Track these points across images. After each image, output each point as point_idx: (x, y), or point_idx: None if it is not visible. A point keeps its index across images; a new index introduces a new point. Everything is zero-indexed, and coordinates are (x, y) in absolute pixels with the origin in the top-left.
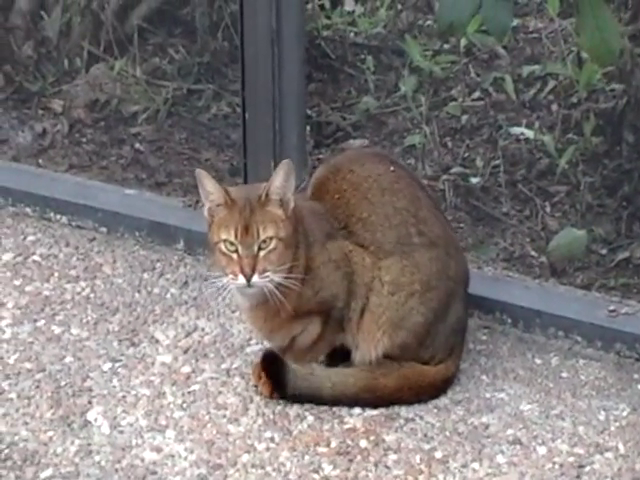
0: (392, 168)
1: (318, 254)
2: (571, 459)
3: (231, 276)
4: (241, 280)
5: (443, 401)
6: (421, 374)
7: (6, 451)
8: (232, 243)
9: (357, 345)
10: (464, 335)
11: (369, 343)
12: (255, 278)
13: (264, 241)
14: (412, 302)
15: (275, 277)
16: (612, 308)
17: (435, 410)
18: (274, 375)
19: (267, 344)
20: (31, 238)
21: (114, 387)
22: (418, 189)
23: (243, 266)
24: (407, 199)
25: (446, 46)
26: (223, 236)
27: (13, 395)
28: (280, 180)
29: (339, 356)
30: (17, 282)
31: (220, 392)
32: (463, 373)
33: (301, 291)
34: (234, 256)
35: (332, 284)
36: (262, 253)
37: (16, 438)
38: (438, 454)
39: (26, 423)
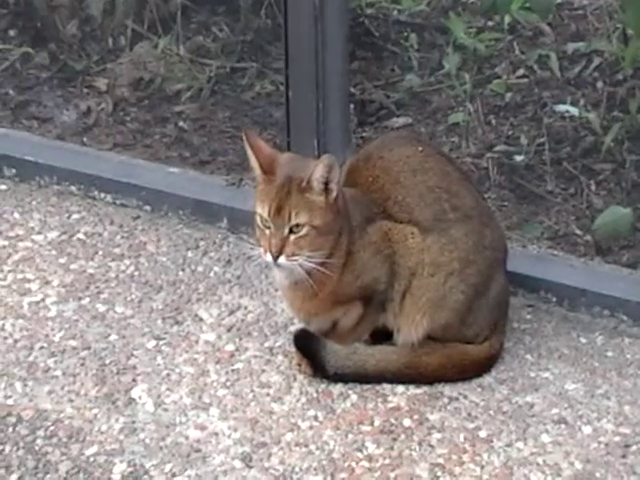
0: (420, 148)
1: (359, 238)
2: (617, 439)
3: (262, 249)
4: (268, 257)
5: (487, 380)
6: (464, 352)
7: (51, 428)
8: (265, 219)
9: (399, 328)
10: (507, 309)
11: (410, 326)
12: (282, 259)
13: (296, 225)
14: (452, 281)
15: (305, 263)
16: None
17: (479, 389)
18: (311, 356)
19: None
20: (75, 216)
21: (158, 365)
22: (447, 164)
23: (271, 245)
24: (438, 176)
25: (490, 23)
26: (258, 210)
27: (58, 372)
28: (321, 172)
29: (382, 335)
30: (62, 260)
31: (263, 370)
32: (507, 352)
33: (341, 276)
34: (266, 232)
35: (373, 268)
36: (292, 237)
37: (61, 415)
38: (482, 433)
39: (71, 400)
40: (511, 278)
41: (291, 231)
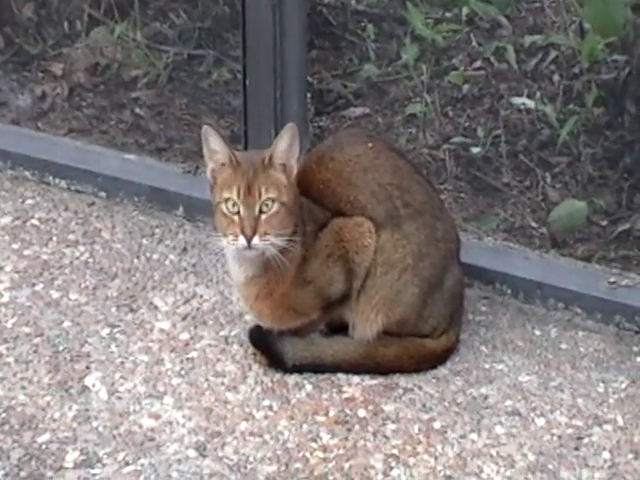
0: (370, 144)
1: (311, 245)
2: (570, 431)
3: (231, 237)
4: (241, 241)
5: (442, 371)
6: (421, 344)
7: (3, 415)
8: (234, 203)
9: (354, 324)
10: (462, 301)
11: (365, 323)
12: (256, 240)
13: (266, 203)
14: (406, 276)
15: (276, 240)
16: (612, 280)
17: (434, 380)
18: (268, 350)
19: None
20: (30, 202)
21: (112, 353)
22: (397, 159)
23: (244, 227)
24: (389, 172)
25: (448, 15)
26: (225, 195)
27: (11, 359)
28: (284, 144)
29: (338, 326)
30: (15, 246)
31: (219, 360)
32: (462, 344)
33: (295, 280)
34: (235, 218)
35: (327, 270)
36: (263, 216)
37: (14, 402)
38: (437, 424)
39: (24, 388)
40: (467, 270)
41: (261, 211)
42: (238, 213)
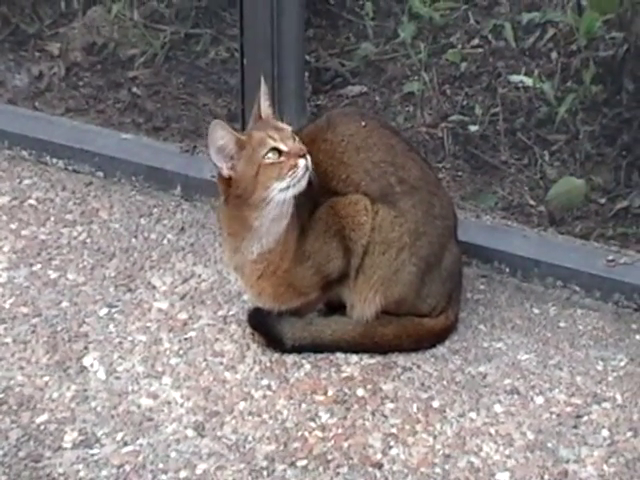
0: (363, 123)
1: (307, 224)
2: (569, 409)
3: (290, 173)
4: (302, 163)
5: (441, 350)
6: (420, 323)
7: (1, 395)
8: (273, 148)
9: (352, 304)
10: (461, 280)
11: (363, 303)
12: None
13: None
14: (403, 255)
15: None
16: (610, 258)
17: (432, 359)
18: (267, 331)
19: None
20: (27, 182)
21: (110, 333)
22: (391, 136)
23: (296, 149)
24: (382, 150)
25: None
26: (262, 152)
27: (9, 340)
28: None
29: (337, 306)
30: (13, 226)
31: (217, 339)
32: (461, 322)
33: (295, 259)
34: (282, 158)
35: (323, 246)
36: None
37: (12, 383)
38: (435, 403)
39: (22, 368)
40: (465, 248)
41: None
42: (281, 153)
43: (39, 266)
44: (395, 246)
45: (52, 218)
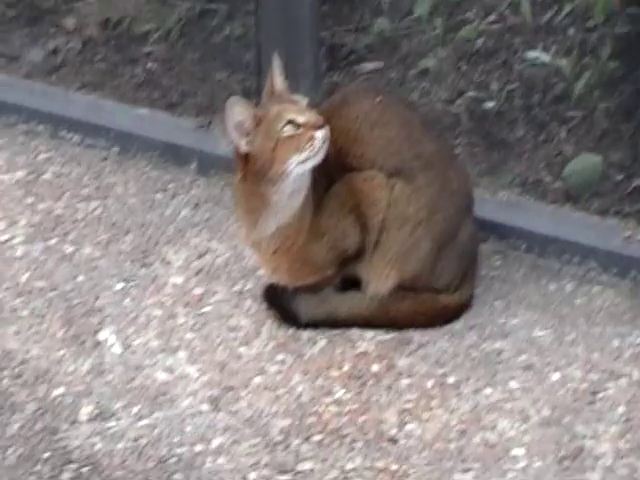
0: (378, 99)
1: (323, 200)
2: (584, 385)
3: (309, 144)
4: (320, 134)
5: (456, 326)
6: (435, 299)
7: (18, 368)
8: (290, 120)
9: (368, 280)
10: (476, 257)
11: (378, 279)
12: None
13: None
14: (419, 231)
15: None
16: (627, 235)
17: (448, 335)
18: (282, 308)
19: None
20: (43, 156)
21: (126, 307)
22: (407, 112)
23: (313, 122)
24: (398, 126)
25: None
26: (278, 125)
27: (25, 313)
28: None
29: (352, 282)
30: (29, 200)
31: (232, 314)
32: (477, 298)
33: (310, 236)
34: (300, 130)
35: (339, 222)
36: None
37: (28, 356)
38: (451, 379)
39: (38, 341)
40: (481, 225)
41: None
42: (299, 125)
43: (55, 240)
44: (411, 222)
45: (68, 193)
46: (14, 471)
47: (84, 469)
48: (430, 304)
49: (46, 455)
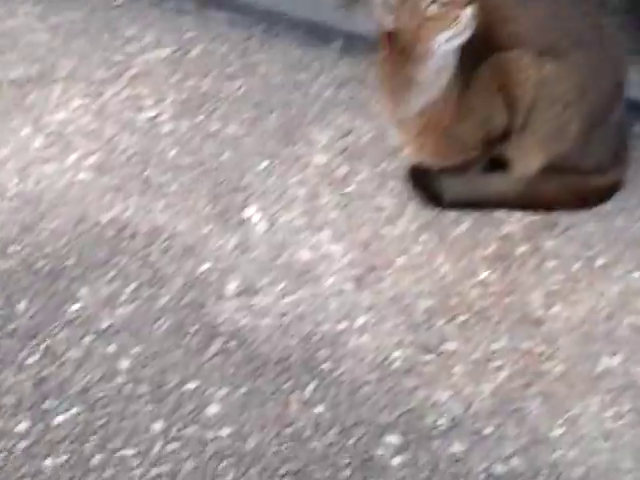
0: None
1: (470, 78)
2: None
3: (455, 22)
4: (467, 12)
5: (605, 208)
6: (584, 180)
7: (166, 243)
8: None
9: (515, 161)
10: (628, 138)
11: (525, 160)
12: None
13: None
14: (569, 111)
15: None
16: None
17: (597, 218)
18: (425, 187)
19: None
20: (190, 34)
21: (270, 186)
22: None
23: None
24: (546, 3)
25: None
26: (423, 4)
27: (174, 188)
28: None
29: (498, 163)
30: (176, 77)
31: (376, 194)
32: (628, 182)
33: (457, 115)
34: (444, 8)
35: (487, 102)
36: None
37: (175, 231)
38: (599, 262)
39: (185, 217)
40: (632, 106)
41: None
42: (445, 3)
43: (201, 117)
44: (561, 102)
45: (214, 71)
46: (163, 342)
47: (231, 343)
48: (579, 185)
49: (194, 328)
